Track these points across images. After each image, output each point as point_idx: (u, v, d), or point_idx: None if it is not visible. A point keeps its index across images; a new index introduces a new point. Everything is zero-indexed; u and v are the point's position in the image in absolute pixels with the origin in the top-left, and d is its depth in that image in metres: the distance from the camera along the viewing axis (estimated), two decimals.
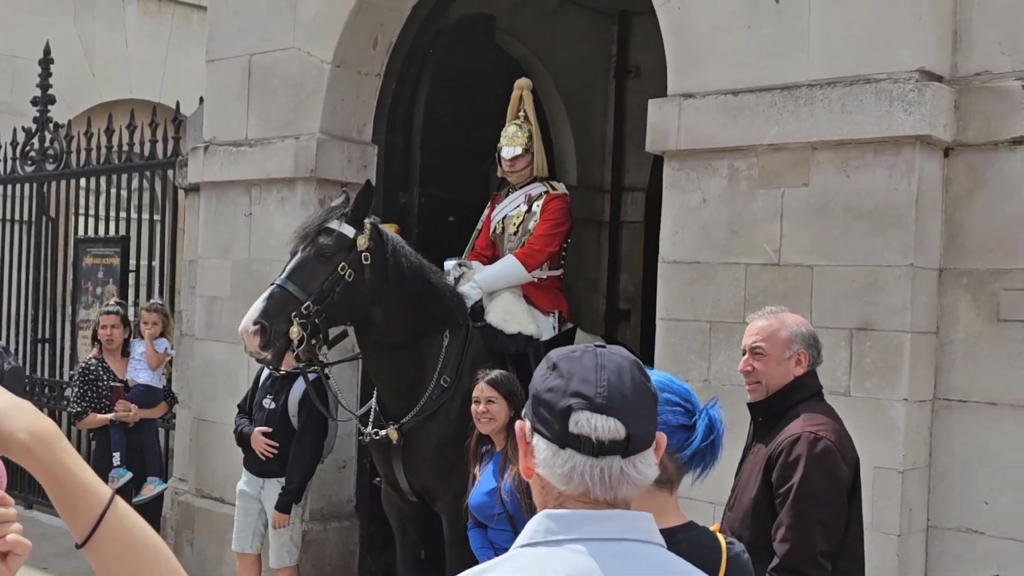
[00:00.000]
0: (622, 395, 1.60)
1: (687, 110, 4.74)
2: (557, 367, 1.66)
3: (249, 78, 6.76)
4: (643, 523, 1.63)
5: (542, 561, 1.56)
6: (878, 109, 4.20)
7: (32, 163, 9.35)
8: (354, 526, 6.57)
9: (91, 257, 8.64)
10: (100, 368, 6.75)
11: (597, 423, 1.58)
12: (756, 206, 4.55)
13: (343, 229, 4.95)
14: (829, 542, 3.18)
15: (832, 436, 3.26)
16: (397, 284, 5.08)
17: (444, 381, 5.27)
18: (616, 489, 1.60)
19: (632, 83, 8.61)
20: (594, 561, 1.55)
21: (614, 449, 1.58)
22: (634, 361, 1.66)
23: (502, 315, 5.57)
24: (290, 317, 4.77)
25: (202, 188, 7.07)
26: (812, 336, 3.43)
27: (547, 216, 5.85)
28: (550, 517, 1.60)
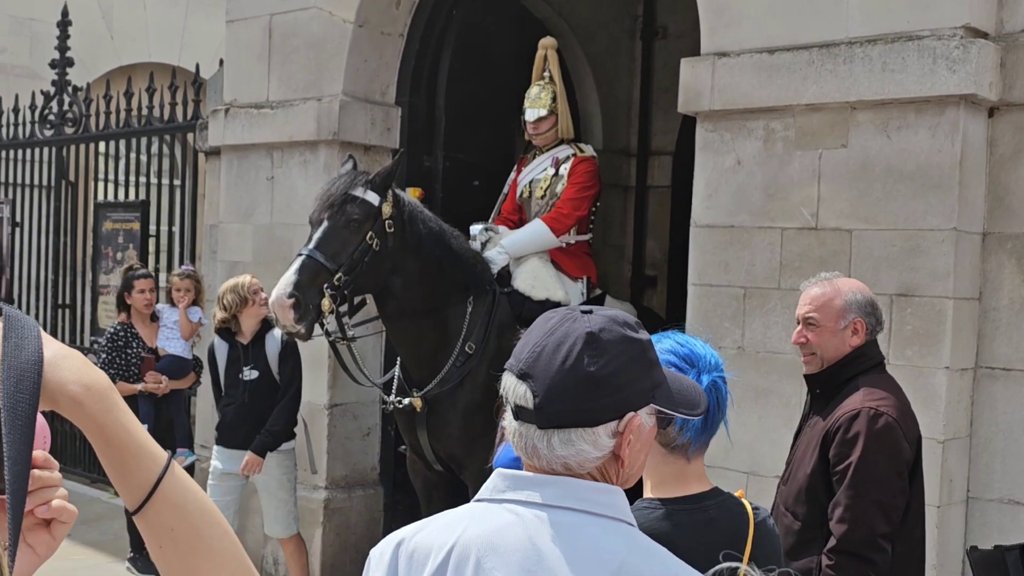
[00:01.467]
0: (546, 366, 1.53)
1: (721, 69, 4.60)
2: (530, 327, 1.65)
3: (270, 39, 6.64)
4: (595, 494, 1.54)
5: (478, 517, 1.56)
6: (921, 67, 4.06)
7: (51, 127, 9.28)
8: (378, 494, 6.52)
9: (111, 222, 8.57)
10: (129, 334, 6.57)
11: (511, 385, 1.57)
12: (792, 168, 4.42)
13: (368, 196, 4.81)
14: (889, 523, 3.06)
15: (894, 412, 3.12)
16: (416, 251, 4.96)
17: (469, 348, 5.17)
18: (534, 458, 1.56)
19: (659, 44, 8.43)
20: (521, 524, 1.52)
21: (526, 416, 1.54)
22: (590, 333, 1.54)
23: (530, 281, 5.47)
24: (321, 288, 4.67)
25: (223, 152, 6.97)
26: (869, 303, 3.26)
27: (575, 179, 5.72)
28: (501, 476, 1.60)
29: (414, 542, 1.59)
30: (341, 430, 6.34)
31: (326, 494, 6.28)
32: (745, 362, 4.50)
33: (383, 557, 1.62)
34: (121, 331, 6.57)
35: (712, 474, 4.26)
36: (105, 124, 8.63)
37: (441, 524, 1.60)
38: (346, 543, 6.36)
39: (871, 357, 3.28)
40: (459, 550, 1.53)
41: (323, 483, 6.30)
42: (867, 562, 3.02)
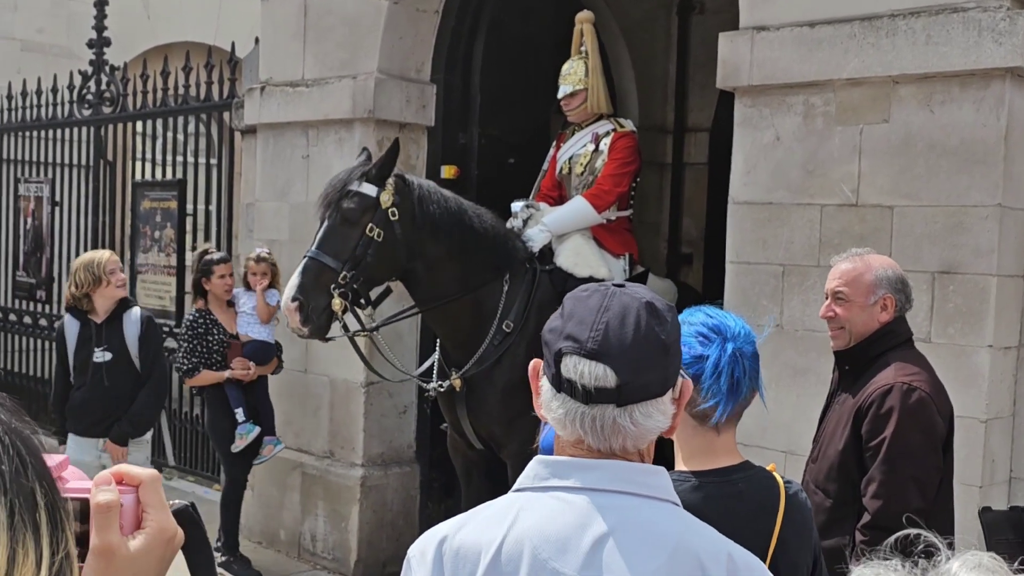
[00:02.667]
0: (619, 341, 1.50)
1: (760, 43, 4.54)
2: (564, 307, 1.58)
3: (305, 16, 6.63)
4: (641, 476, 1.54)
5: (525, 508, 1.52)
6: (966, 40, 3.98)
7: (89, 106, 9.34)
8: (414, 472, 6.54)
9: (149, 201, 8.62)
10: (208, 321, 6.29)
11: (585, 369, 1.50)
12: (833, 144, 4.36)
13: (364, 189, 4.82)
14: (923, 499, 3.04)
15: (927, 387, 3.09)
16: (431, 234, 4.93)
17: (507, 326, 5.15)
18: (610, 439, 1.52)
19: (696, 20, 8.35)
20: (572, 510, 1.49)
21: (605, 397, 1.50)
22: (647, 303, 1.54)
23: (572, 258, 5.43)
24: (328, 289, 4.71)
25: (259, 130, 6.98)
26: (899, 279, 3.24)
27: (615, 155, 5.66)
28: (541, 463, 1.56)
29: (458, 539, 1.55)
30: (377, 408, 6.36)
31: (363, 472, 6.31)
32: (783, 340, 4.46)
33: (425, 556, 1.58)
34: (200, 318, 6.30)
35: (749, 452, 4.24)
36: (142, 103, 8.67)
37: (485, 518, 1.56)
38: (382, 520, 6.39)
39: (900, 333, 3.25)
40: (510, 544, 1.50)
41: (360, 461, 6.32)
42: None
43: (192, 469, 8.37)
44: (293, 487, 6.64)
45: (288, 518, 6.68)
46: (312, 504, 6.55)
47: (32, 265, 10.16)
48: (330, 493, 6.44)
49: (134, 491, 0.98)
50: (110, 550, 0.94)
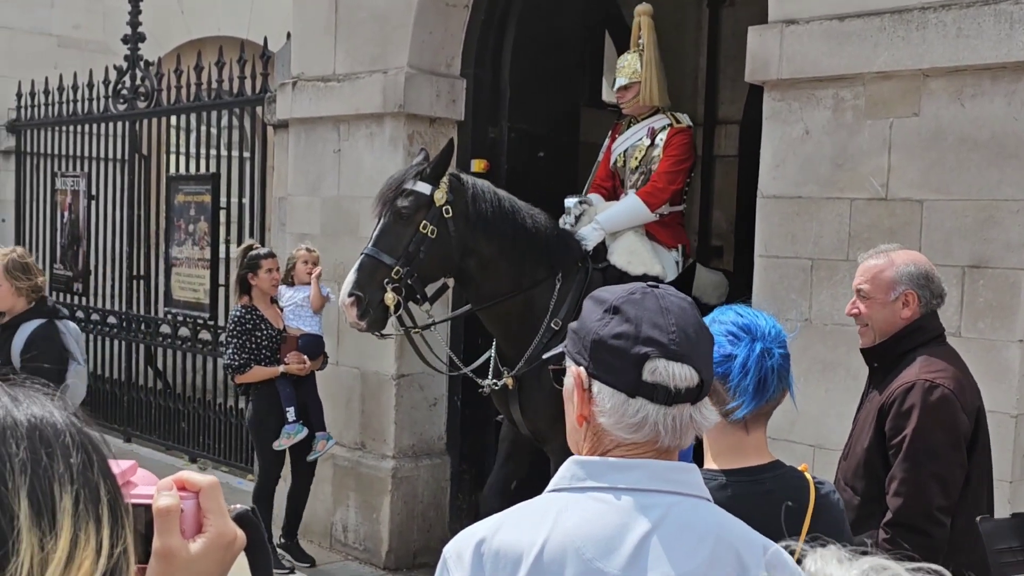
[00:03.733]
0: (691, 340, 1.56)
1: (789, 37, 4.53)
2: (620, 311, 1.58)
3: (336, 12, 6.68)
4: (676, 474, 1.57)
5: (564, 508, 1.54)
6: (997, 33, 3.95)
7: (124, 101, 9.45)
8: (444, 463, 6.58)
9: (183, 195, 8.71)
10: (255, 317, 6.26)
11: (674, 371, 1.53)
12: (862, 137, 4.34)
13: (418, 187, 4.95)
14: (946, 497, 3.03)
15: (950, 383, 3.07)
16: (484, 232, 5.03)
17: (555, 324, 5.19)
18: (684, 436, 1.57)
19: (726, 12, 8.33)
20: (612, 511, 1.51)
21: (687, 396, 1.55)
22: (691, 302, 1.64)
23: (626, 256, 5.46)
24: (382, 284, 4.86)
25: (291, 124, 7.04)
26: (923, 275, 3.20)
27: (670, 152, 5.65)
28: (578, 463, 1.58)
29: (497, 541, 1.55)
30: (408, 400, 6.41)
31: (394, 463, 6.36)
32: (812, 334, 4.45)
33: (463, 558, 1.58)
34: (247, 314, 6.26)
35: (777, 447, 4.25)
36: (176, 98, 8.77)
37: (522, 519, 1.57)
38: (413, 511, 6.44)
39: (930, 330, 3.22)
40: (553, 545, 1.51)
41: (391, 452, 6.38)
42: (924, 535, 2.98)
43: (226, 460, 8.47)
44: (325, 478, 6.70)
45: (320, 509, 6.75)
46: (343, 495, 6.61)
47: (69, 258, 10.30)
48: (361, 484, 6.50)
49: (194, 497, 1.01)
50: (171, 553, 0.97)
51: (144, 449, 9.19)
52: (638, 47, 5.81)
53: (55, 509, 0.77)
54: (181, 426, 8.89)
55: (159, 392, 9.27)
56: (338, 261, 6.59)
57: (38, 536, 0.75)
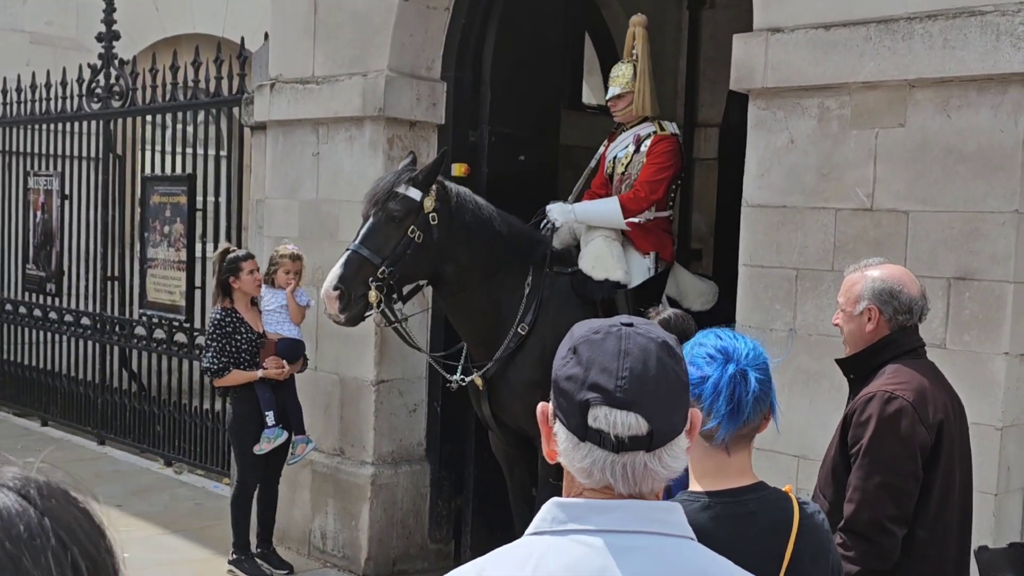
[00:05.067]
0: (645, 386, 1.47)
1: (775, 45, 4.50)
2: (577, 351, 1.52)
3: (315, 13, 6.61)
4: (658, 513, 1.52)
5: (545, 553, 1.49)
6: (983, 44, 3.94)
7: (98, 100, 9.34)
8: (424, 469, 6.54)
9: (158, 195, 8.62)
10: (235, 320, 6.19)
11: (617, 419, 1.46)
12: (848, 147, 4.33)
13: (410, 193, 5.09)
14: (897, 507, 3.04)
15: (910, 395, 3.08)
16: (465, 240, 5.21)
17: (522, 329, 5.35)
18: (640, 484, 1.50)
19: (706, 14, 8.31)
20: (595, 553, 1.47)
21: (636, 445, 1.47)
22: (662, 343, 1.52)
23: (591, 261, 5.54)
24: (367, 281, 5.01)
25: (268, 127, 6.97)
26: (887, 291, 3.19)
27: (652, 159, 5.65)
28: (558, 505, 1.52)
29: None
30: (387, 406, 6.36)
31: (373, 470, 6.31)
32: (797, 345, 4.43)
33: None
34: (227, 317, 6.19)
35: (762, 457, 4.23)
36: (152, 98, 8.67)
37: (502, 564, 1.53)
38: (392, 518, 6.39)
39: (903, 344, 3.23)
40: None
41: (370, 459, 6.32)
42: (872, 543, 3.03)
43: (202, 463, 8.39)
44: (303, 485, 6.64)
45: (299, 516, 6.69)
46: (322, 502, 6.55)
47: (42, 258, 10.17)
48: (340, 491, 6.44)
49: None
50: None
51: (119, 452, 9.09)
52: (632, 57, 5.81)
53: None
54: (156, 429, 8.79)
55: (134, 394, 9.16)
56: (316, 265, 6.53)
57: None
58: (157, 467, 8.64)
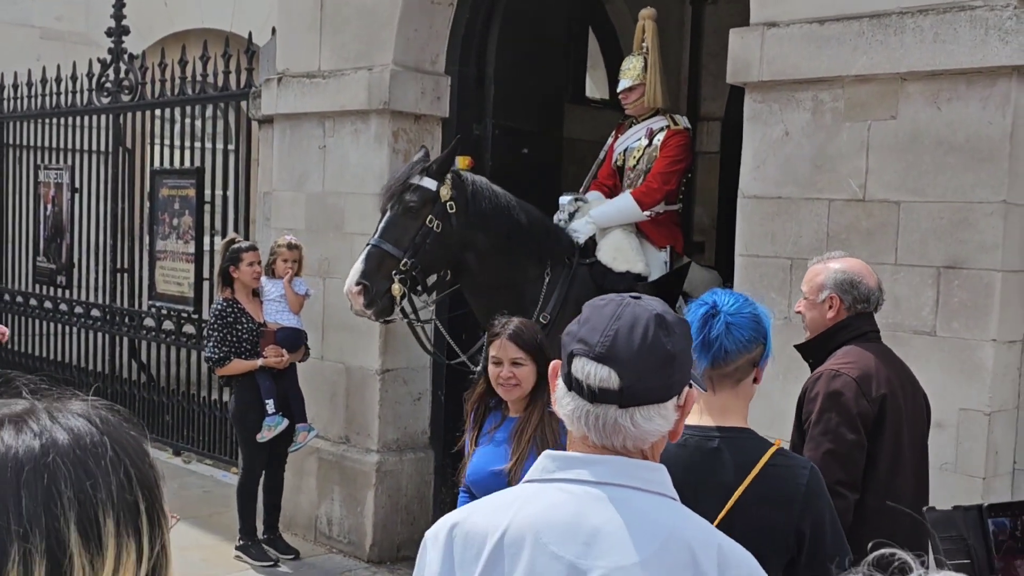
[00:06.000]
0: (626, 347, 1.62)
1: (770, 40, 4.60)
2: (582, 313, 1.71)
3: (321, 8, 6.71)
4: (641, 471, 1.65)
5: (530, 497, 1.64)
6: (972, 38, 4.03)
7: (108, 94, 9.44)
8: (429, 457, 6.65)
9: (167, 188, 8.73)
10: (236, 310, 6.30)
11: (591, 370, 1.62)
12: (841, 139, 4.42)
13: (425, 183, 5.11)
14: (846, 472, 3.24)
15: (854, 372, 3.31)
16: (482, 227, 5.22)
17: (543, 318, 5.35)
18: (611, 437, 1.63)
19: (709, 9, 8.40)
20: (572, 500, 1.61)
21: (608, 398, 1.61)
22: (657, 315, 1.66)
23: (611, 253, 5.61)
24: (389, 274, 5.03)
25: (276, 120, 7.07)
26: (848, 282, 3.46)
27: (666, 152, 5.75)
28: (549, 457, 1.68)
29: (468, 524, 1.67)
30: (392, 395, 6.47)
31: (378, 457, 6.42)
32: (791, 333, 4.51)
33: (438, 539, 1.70)
34: (228, 307, 6.31)
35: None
36: (160, 92, 8.77)
37: (492, 506, 1.69)
38: (397, 505, 6.51)
39: (855, 329, 3.46)
40: (514, 529, 1.62)
41: (375, 446, 6.43)
42: None
43: (210, 452, 8.51)
44: (309, 472, 6.75)
45: (304, 502, 6.80)
46: (328, 489, 6.67)
47: (52, 251, 10.29)
48: (346, 478, 6.55)
49: None
50: None
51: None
52: (642, 50, 5.89)
53: (100, 533, 0.89)
54: (165, 419, 8.91)
55: (143, 385, 9.28)
56: (323, 257, 6.64)
57: (88, 558, 0.87)
58: (166, 456, 8.74)
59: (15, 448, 0.88)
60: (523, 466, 3.42)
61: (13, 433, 0.89)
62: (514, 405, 3.74)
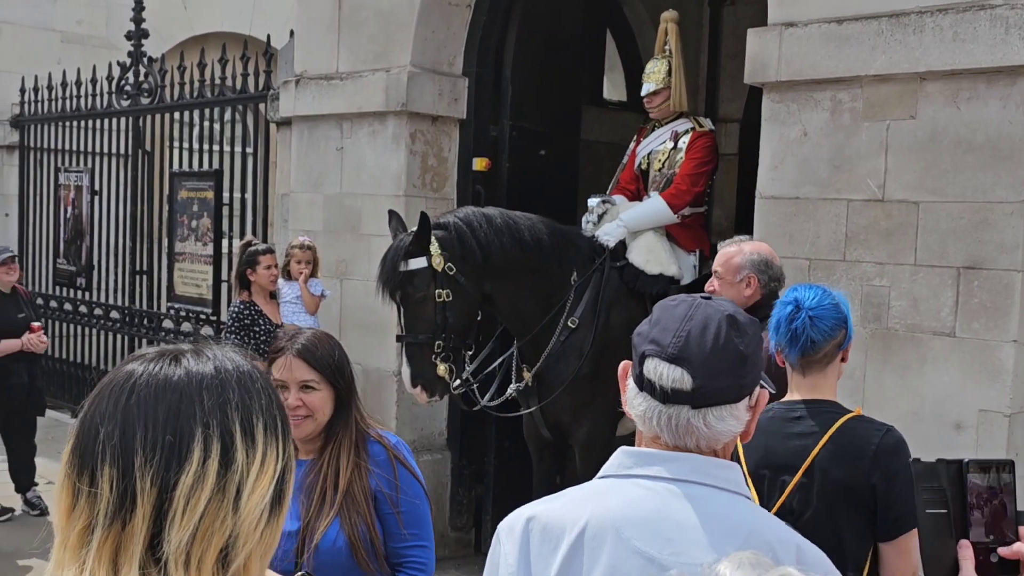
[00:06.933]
0: (699, 348, 1.62)
1: (788, 40, 4.58)
2: (653, 314, 1.71)
3: (339, 10, 6.73)
4: (716, 469, 1.64)
5: (608, 492, 1.65)
6: (992, 37, 4.00)
7: (128, 97, 9.50)
8: (445, 459, 6.64)
9: (186, 190, 8.76)
10: (253, 312, 6.33)
11: (664, 371, 1.62)
12: (860, 139, 4.40)
13: (414, 264, 5.01)
14: None
15: None
16: (489, 268, 5.13)
17: (572, 323, 5.33)
18: (684, 438, 1.63)
19: (727, 11, 8.38)
20: (652, 496, 1.61)
21: (680, 399, 1.61)
22: (728, 316, 1.65)
23: (644, 255, 5.56)
24: (431, 361, 5.06)
25: (294, 122, 7.09)
26: (763, 262, 3.85)
27: (693, 154, 5.72)
28: (626, 453, 1.69)
29: (545, 518, 1.67)
30: (409, 396, 6.43)
31: None
32: None
33: (513, 531, 1.69)
34: (245, 309, 6.34)
35: None
36: (179, 95, 8.82)
37: (569, 500, 1.69)
38: None
39: (769, 307, 3.57)
40: (595, 523, 1.61)
41: None
42: None
43: None
44: None
45: None
46: None
47: (72, 253, 10.35)
48: None
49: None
50: None
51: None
52: (665, 53, 5.87)
53: (254, 433, 1.17)
54: None
55: None
56: (340, 258, 6.65)
57: (245, 449, 1.16)
58: None
59: (198, 368, 1.18)
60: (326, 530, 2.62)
61: (194, 360, 1.19)
62: (305, 445, 2.79)
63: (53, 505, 1.17)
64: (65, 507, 1.14)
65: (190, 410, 1.14)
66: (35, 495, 7.38)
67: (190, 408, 1.14)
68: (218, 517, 1.12)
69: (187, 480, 1.11)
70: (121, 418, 1.14)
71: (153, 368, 1.18)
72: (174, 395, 1.15)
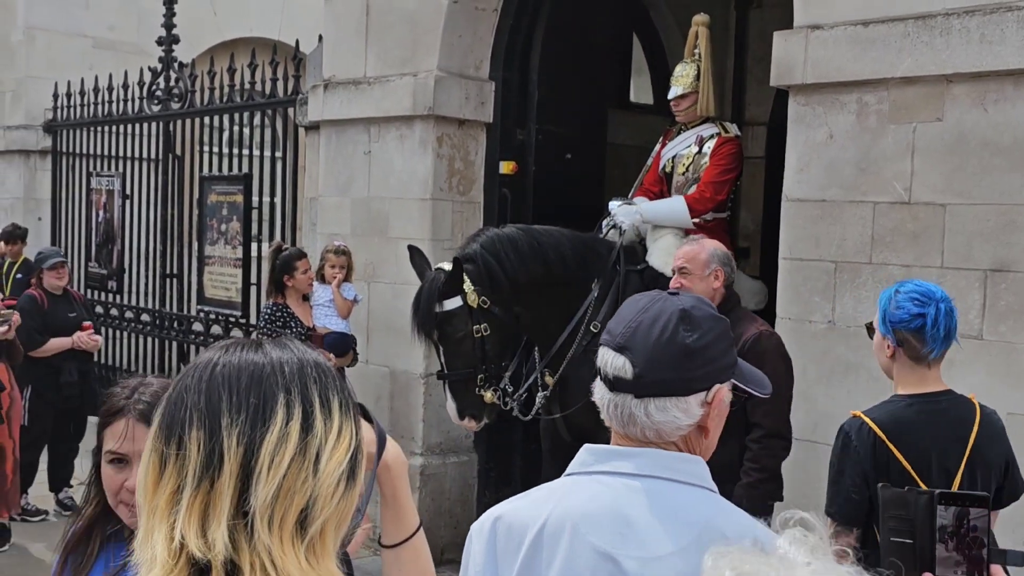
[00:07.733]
0: (644, 339, 1.66)
1: (814, 42, 4.58)
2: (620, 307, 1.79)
3: (367, 15, 6.78)
4: (679, 463, 1.67)
5: (569, 490, 1.70)
6: (1020, 38, 3.99)
7: (158, 102, 9.59)
8: (472, 460, 6.67)
9: (215, 194, 8.84)
10: (285, 315, 6.36)
11: (610, 359, 1.69)
12: (886, 142, 4.39)
13: (450, 305, 5.06)
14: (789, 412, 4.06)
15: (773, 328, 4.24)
16: (518, 293, 5.18)
17: (594, 327, 5.33)
18: (628, 427, 1.68)
19: (754, 14, 8.37)
20: (610, 492, 1.65)
21: (623, 387, 1.66)
22: (683, 310, 1.68)
23: (663, 258, 5.53)
24: (475, 392, 5.17)
25: (322, 126, 7.15)
26: (725, 255, 4.17)
27: (717, 160, 5.70)
28: (588, 451, 1.74)
29: (510, 517, 1.74)
30: (436, 399, 6.49)
31: (422, 460, 6.46)
32: (835, 337, 4.51)
33: (482, 531, 1.77)
34: (278, 312, 6.38)
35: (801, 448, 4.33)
36: (209, 99, 8.89)
37: (534, 499, 1.75)
38: (440, 508, 6.53)
39: (733, 297, 4.20)
40: (553, 521, 1.66)
41: (419, 449, 6.47)
42: (786, 440, 4.01)
43: None
44: None
45: None
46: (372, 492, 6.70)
47: (103, 256, 10.46)
48: None
49: None
50: None
51: None
52: (694, 57, 5.86)
53: (330, 407, 1.25)
54: None
55: None
56: (367, 261, 6.70)
57: (323, 420, 1.23)
58: None
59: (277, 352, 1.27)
60: None
61: (277, 349, 1.28)
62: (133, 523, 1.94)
63: (139, 480, 1.23)
64: (152, 478, 1.20)
65: (272, 378, 1.23)
66: (67, 496, 7.47)
67: (272, 376, 1.23)
68: (299, 477, 1.18)
69: (272, 439, 1.18)
70: (207, 387, 1.22)
71: (234, 350, 1.27)
72: (256, 367, 1.24)
